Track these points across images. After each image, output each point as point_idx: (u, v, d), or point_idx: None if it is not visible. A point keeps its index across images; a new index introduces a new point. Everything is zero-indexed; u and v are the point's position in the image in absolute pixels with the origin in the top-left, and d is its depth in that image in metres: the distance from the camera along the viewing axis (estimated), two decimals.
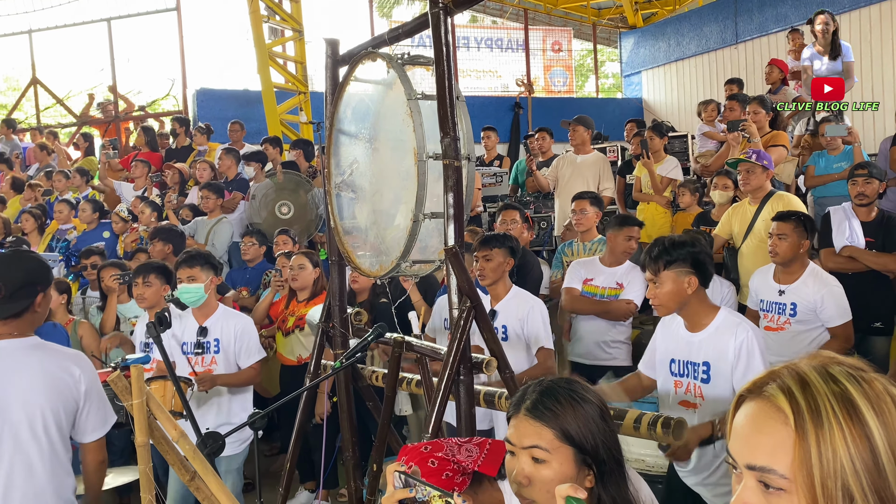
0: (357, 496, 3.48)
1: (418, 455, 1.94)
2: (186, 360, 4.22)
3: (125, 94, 13.41)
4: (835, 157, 6.12)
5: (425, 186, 2.69)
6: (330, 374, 3.23)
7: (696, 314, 2.98)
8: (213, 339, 4.24)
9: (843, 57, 7.16)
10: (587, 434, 1.59)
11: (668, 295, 2.93)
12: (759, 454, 0.97)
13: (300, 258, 5.24)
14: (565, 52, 16.34)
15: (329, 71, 3.46)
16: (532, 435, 1.61)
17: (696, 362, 2.99)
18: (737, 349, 2.86)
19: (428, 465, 1.90)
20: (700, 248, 2.98)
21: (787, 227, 4.02)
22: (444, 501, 1.49)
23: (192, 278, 4.20)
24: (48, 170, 9.78)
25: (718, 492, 3.02)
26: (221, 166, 8.35)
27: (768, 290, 4.18)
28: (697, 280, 2.91)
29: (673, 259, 2.91)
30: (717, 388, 2.92)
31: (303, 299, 5.24)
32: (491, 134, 9.39)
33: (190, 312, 4.31)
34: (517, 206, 5.58)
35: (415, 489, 1.54)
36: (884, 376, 0.97)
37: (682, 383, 3.06)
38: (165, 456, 2.43)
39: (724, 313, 3.00)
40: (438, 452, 1.94)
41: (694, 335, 3.00)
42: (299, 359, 5.16)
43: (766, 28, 12.58)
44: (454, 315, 2.66)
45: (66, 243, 7.59)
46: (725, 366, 2.89)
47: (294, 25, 11.66)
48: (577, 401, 1.63)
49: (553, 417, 1.61)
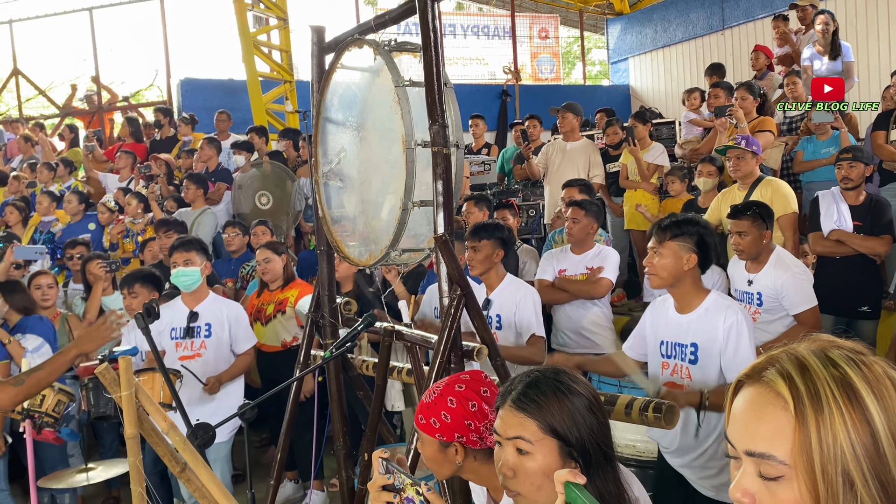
0: (348, 485, 3.48)
1: (474, 389, 1.98)
2: (174, 345, 4.24)
3: (108, 85, 13.25)
4: (823, 142, 6.13)
5: (414, 174, 2.67)
6: (320, 363, 3.21)
7: (688, 294, 3.01)
8: (204, 323, 4.30)
9: (843, 57, 7.18)
10: (571, 426, 1.58)
11: (666, 266, 2.96)
12: (758, 440, 0.96)
13: (264, 252, 5.28)
14: (552, 40, 16.29)
15: (315, 59, 3.42)
16: (516, 426, 1.61)
17: (685, 344, 3.01)
18: (726, 331, 2.89)
19: (448, 405, 1.95)
20: (709, 231, 3.03)
21: (744, 224, 3.97)
22: (415, 490, 1.52)
23: (188, 262, 4.25)
24: (32, 161, 9.68)
25: (704, 475, 3.05)
26: (203, 156, 8.28)
27: (740, 280, 4.19)
28: (697, 259, 2.94)
29: (681, 233, 2.95)
30: (704, 369, 2.95)
31: (276, 287, 5.27)
32: (479, 122, 9.35)
33: (179, 298, 4.35)
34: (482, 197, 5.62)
35: (392, 476, 1.59)
36: (883, 359, 0.96)
37: (668, 364, 3.09)
38: (155, 448, 2.40)
39: (713, 296, 3.02)
40: (486, 404, 1.97)
41: (683, 317, 3.03)
42: (284, 343, 5.18)
43: (753, 14, 12.60)
44: (444, 303, 2.64)
45: (50, 235, 7.52)
46: (713, 347, 2.91)
47: (279, 13, 11.56)
48: (564, 392, 1.62)
49: (537, 409, 1.60)
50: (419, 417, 1.99)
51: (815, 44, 7.36)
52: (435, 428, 1.95)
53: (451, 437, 1.94)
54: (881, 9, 10.82)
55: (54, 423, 3.92)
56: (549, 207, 6.95)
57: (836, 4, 10.77)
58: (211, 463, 4.24)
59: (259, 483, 4.70)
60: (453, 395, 1.96)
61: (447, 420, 1.94)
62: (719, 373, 2.93)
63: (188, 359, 4.24)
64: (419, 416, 1.99)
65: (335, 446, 3.56)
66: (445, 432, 1.94)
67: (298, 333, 5.16)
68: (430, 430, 1.96)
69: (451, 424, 1.93)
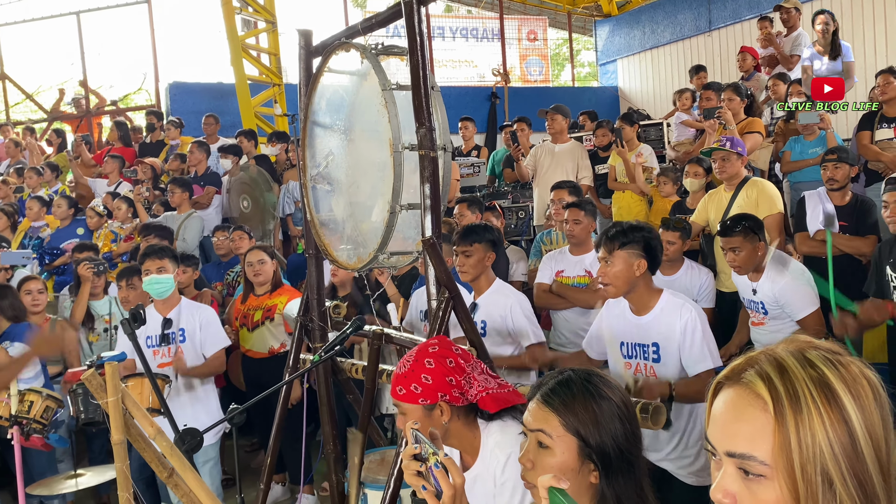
0: (339, 489, 3.48)
1: (447, 350, 2.05)
2: (152, 353, 4.26)
3: (96, 89, 13.20)
4: (810, 142, 6.17)
5: (402, 177, 2.67)
6: (309, 367, 3.21)
7: (642, 297, 3.13)
8: (178, 329, 4.33)
9: (843, 57, 7.21)
10: (594, 428, 1.60)
11: (618, 274, 3.07)
12: (738, 441, 0.97)
13: (258, 253, 5.16)
14: (541, 42, 16.31)
15: (302, 62, 3.43)
16: (540, 419, 1.64)
17: (646, 344, 3.14)
18: (682, 328, 3.03)
19: (426, 367, 2.01)
20: (654, 235, 3.14)
21: (736, 240, 3.96)
22: (436, 459, 1.59)
23: (161, 269, 4.26)
24: (19, 166, 9.62)
25: (682, 464, 3.19)
26: (192, 160, 8.26)
27: (745, 289, 4.20)
28: (646, 263, 3.06)
29: (628, 241, 3.05)
30: (667, 366, 3.09)
31: (262, 293, 5.18)
32: (469, 124, 9.36)
33: (152, 306, 4.36)
34: (474, 200, 5.61)
35: (420, 446, 1.65)
36: (859, 359, 0.98)
37: (631, 364, 3.22)
38: (142, 453, 2.40)
39: (667, 295, 3.14)
40: (462, 360, 2.05)
41: (641, 318, 3.15)
42: (271, 350, 5.15)
43: (740, 15, 12.66)
44: (433, 306, 2.65)
45: (39, 241, 7.48)
46: (673, 345, 3.05)
47: (267, 17, 11.54)
48: (591, 395, 1.63)
49: (562, 406, 1.62)
50: (397, 390, 2.03)
51: (815, 44, 7.39)
52: (417, 393, 1.99)
53: (434, 397, 1.99)
54: (866, 9, 10.90)
55: (42, 430, 3.90)
56: (539, 209, 6.96)
57: (822, 5, 10.84)
58: (201, 465, 4.26)
59: (249, 488, 4.69)
60: (429, 357, 2.02)
61: (428, 382, 1.99)
62: (680, 368, 3.07)
63: (166, 365, 4.26)
64: (397, 389, 2.03)
65: (325, 450, 3.56)
66: (428, 394, 1.99)
67: (286, 340, 5.11)
68: (412, 397, 2.00)
69: (432, 385, 1.98)
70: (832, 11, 7.55)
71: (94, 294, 5.41)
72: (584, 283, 4.65)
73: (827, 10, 7.40)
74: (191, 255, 6.15)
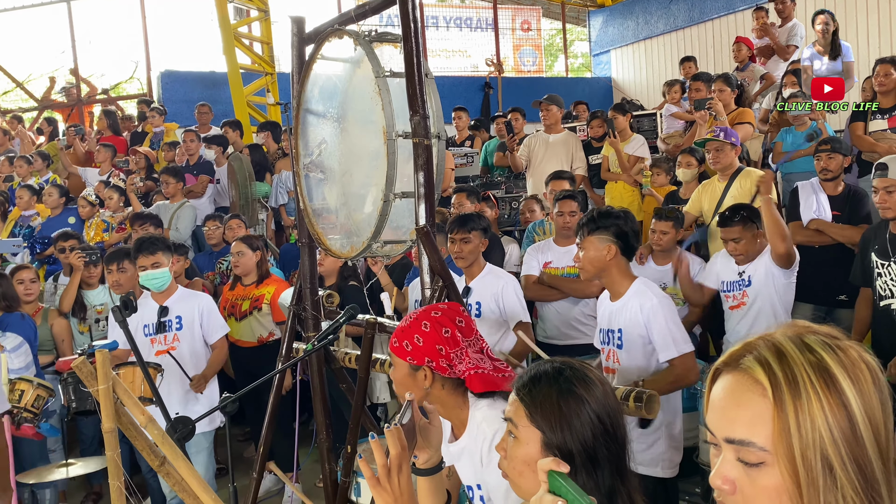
0: (332, 478, 3.47)
1: (447, 319, 2.05)
2: (149, 341, 4.27)
3: (88, 78, 13.09)
4: (801, 132, 6.17)
5: (395, 166, 2.65)
6: (302, 356, 3.20)
7: (615, 283, 3.18)
8: (174, 316, 4.36)
9: (843, 57, 7.21)
10: (556, 424, 1.54)
11: (589, 259, 3.14)
12: (737, 427, 0.96)
13: (238, 245, 5.28)
14: (534, 32, 16.27)
15: (295, 49, 3.40)
16: (510, 410, 1.63)
17: (614, 329, 3.20)
18: (645, 315, 3.07)
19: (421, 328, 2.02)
20: (626, 220, 3.17)
21: (735, 230, 4.07)
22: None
23: (156, 264, 4.28)
24: (9, 155, 9.54)
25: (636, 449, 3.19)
26: (188, 150, 8.23)
27: (730, 273, 4.26)
28: (617, 249, 3.10)
29: (598, 227, 3.12)
30: (629, 353, 3.14)
31: (249, 283, 5.27)
32: (462, 114, 9.32)
33: (148, 295, 4.37)
34: (472, 190, 5.61)
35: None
36: (858, 343, 0.97)
37: (605, 350, 3.29)
38: (134, 441, 2.39)
39: (637, 283, 3.17)
40: (460, 333, 2.05)
41: (614, 304, 3.22)
42: (260, 339, 5.17)
43: (733, 6, 12.65)
44: (426, 295, 2.64)
45: (30, 230, 7.43)
46: (635, 331, 3.10)
47: (259, 5, 11.47)
48: (560, 391, 1.57)
49: (528, 398, 1.60)
50: (393, 341, 2.06)
51: (815, 44, 7.39)
52: (406, 351, 2.01)
53: (421, 360, 2.00)
54: (860, 4, 10.90)
55: (34, 419, 3.89)
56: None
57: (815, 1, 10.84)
58: (194, 453, 4.26)
59: (241, 477, 4.69)
60: (428, 320, 2.03)
61: (419, 343, 2.00)
62: (643, 357, 3.11)
63: (163, 353, 4.26)
64: (393, 340, 2.06)
65: (318, 439, 3.55)
66: (416, 356, 2.00)
67: (275, 330, 5.19)
68: (402, 352, 2.03)
69: (422, 348, 1.99)
70: (828, 8, 7.55)
71: (88, 284, 5.38)
72: (574, 274, 4.64)
73: (827, 11, 7.39)
74: (181, 244, 6.13)
